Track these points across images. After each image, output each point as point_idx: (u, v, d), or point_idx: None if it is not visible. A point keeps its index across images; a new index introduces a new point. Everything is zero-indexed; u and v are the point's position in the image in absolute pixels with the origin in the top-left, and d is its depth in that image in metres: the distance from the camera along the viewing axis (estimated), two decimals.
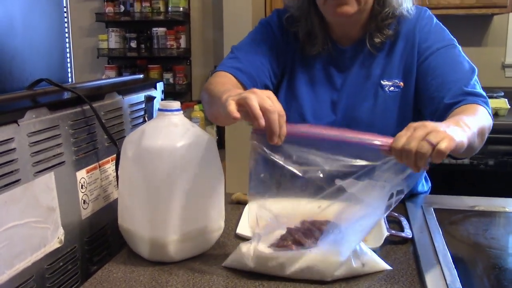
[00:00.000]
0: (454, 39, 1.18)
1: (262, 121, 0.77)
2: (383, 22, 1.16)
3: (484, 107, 1.06)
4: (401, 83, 1.18)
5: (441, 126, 0.79)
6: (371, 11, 1.16)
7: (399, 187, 0.79)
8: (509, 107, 2.44)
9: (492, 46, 2.93)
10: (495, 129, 2.29)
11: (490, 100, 2.57)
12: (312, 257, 0.83)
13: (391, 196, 0.80)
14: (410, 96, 1.17)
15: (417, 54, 1.16)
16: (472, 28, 2.91)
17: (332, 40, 1.21)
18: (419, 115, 1.16)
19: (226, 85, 1.08)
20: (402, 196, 0.80)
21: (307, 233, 0.86)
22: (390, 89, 1.17)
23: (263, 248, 0.85)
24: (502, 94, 2.52)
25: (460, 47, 1.17)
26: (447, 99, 1.08)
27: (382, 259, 0.89)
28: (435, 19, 1.20)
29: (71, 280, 0.91)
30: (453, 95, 1.07)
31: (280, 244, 0.85)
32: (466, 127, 0.86)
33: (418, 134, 0.76)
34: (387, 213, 0.83)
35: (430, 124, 0.78)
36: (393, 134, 0.80)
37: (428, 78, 1.14)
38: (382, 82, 1.18)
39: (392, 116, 1.17)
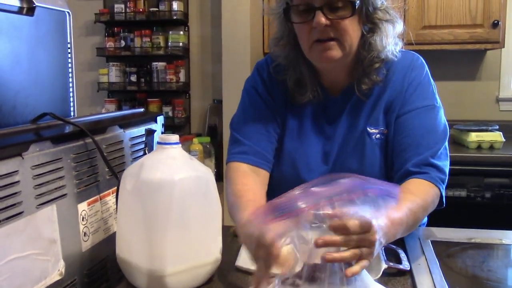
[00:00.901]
0: (437, 97, 1.19)
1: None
2: (369, 67, 1.16)
3: (439, 188, 1.10)
4: (386, 131, 1.19)
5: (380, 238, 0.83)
6: (357, 55, 1.16)
7: None
8: (504, 140, 2.47)
9: (486, 80, 2.98)
10: (491, 162, 2.35)
11: (485, 134, 2.61)
12: None
13: None
14: (391, 144, 1.18)
15: (399, 105, 1.17)
16: (466, 62, 2.97)
17: (322, 88, 1.22)
18: None
19: (243, 198, 1.07)
20: None
21: (322, 269, 0.85)
22: (376, 136, 1.18)
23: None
24: (497, 127, 2.55)
25: (440, 107, 1.18)
26: (411, 166, 1.11)
27: None
28: (425, 69, 1.21)
29: None
30: (418, 163, 1.10)
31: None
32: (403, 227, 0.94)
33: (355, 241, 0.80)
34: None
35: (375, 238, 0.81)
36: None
37: (400, 135, 1.16)
38: (369, 129, 1.19)
39: (379, 164, 1.19)
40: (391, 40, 1.15)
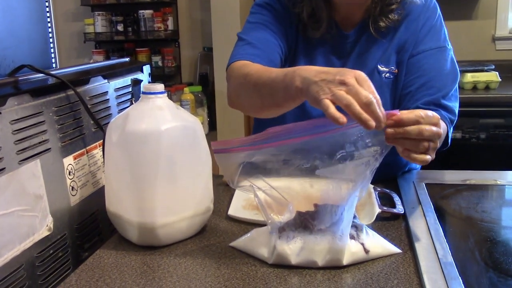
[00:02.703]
0: (448, 40, 1.19)
1: (372, 123, 0.75)
2: (388, 6, 1.14)
3: (447, 128, 1.08)
4: (396, 70, 1.17)
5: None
6: None
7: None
8: (500, 80, 2.44)
9: (482, 19, 2.91)
10: (487, 103, 2.32)
11: (481, 74, 2.57)
12: (318, 244, 0.81)
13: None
14: (400, 84, 1.16)
15: (412, 45, 1.16)
16: (461, 1, 2.89)
17: (335, 24, 1.18)
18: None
19: (270, 69, 0.97)
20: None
21: (315, 216, 0.84)
22: (386, 75, 1.16)
23: (280, 242, 0.82)
24: (493, 67, 2.51)
25: (451, 49, 1.18)
26: (421, 103, 1.09)
27: (391, 243, 0.87)
28: (438, 12, 1.20)
29: (62, 267, 0.90)
30: (429, 102, 1.09)
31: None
32: None
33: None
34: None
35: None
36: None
37: (413, 75, 1.14)
38: (379, 67, 1.17)
39: (386, 104, 1.16)
40: None
